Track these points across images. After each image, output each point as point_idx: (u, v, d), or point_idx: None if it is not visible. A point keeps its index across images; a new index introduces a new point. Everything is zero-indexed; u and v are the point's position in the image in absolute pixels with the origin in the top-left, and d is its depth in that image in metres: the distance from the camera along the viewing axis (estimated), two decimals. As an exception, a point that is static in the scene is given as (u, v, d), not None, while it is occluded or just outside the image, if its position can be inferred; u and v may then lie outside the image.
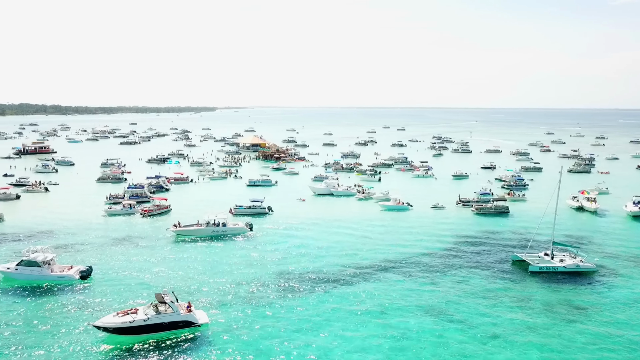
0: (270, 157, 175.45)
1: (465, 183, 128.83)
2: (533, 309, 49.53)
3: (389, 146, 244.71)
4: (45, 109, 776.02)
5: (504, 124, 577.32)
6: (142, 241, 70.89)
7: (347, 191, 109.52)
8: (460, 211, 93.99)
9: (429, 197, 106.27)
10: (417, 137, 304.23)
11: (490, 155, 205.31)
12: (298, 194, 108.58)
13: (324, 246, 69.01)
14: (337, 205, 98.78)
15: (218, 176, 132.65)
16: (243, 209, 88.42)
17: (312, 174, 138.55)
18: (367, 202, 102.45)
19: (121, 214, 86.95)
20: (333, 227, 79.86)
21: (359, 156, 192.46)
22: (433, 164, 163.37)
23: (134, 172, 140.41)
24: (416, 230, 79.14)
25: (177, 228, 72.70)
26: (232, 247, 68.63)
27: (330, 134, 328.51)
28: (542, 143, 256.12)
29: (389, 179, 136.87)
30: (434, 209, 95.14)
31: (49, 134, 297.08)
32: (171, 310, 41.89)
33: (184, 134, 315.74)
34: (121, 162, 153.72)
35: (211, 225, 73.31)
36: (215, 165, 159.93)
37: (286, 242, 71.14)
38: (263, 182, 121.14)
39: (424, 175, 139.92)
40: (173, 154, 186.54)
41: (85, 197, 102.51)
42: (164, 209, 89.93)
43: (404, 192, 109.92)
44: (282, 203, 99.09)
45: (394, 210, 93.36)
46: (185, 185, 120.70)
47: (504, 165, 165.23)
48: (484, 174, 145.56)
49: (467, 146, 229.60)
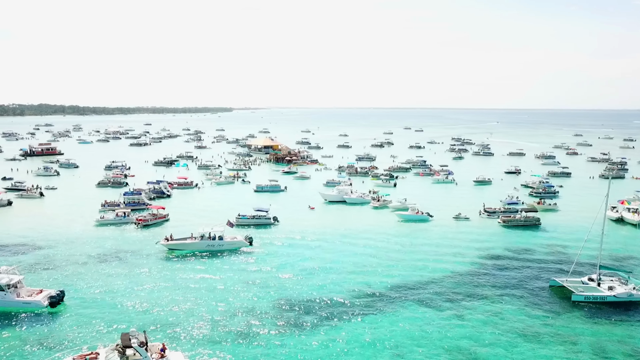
0: (282, 159, 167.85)
1: (489, 190, 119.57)
2: (581, 352, 40.86)
3: (406, 148, 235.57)
4: (64, 110, 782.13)
5: (525, 125, 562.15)
6: (131, 256, 63.63)
7: (360, 198, 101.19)
8: (486, 223, 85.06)
9: (450, 206, 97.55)
10: (435, 138, 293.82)
11: (513, 158, 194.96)
12: (308, 201, 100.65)
13: (333, 265, 60.96)
14: (350, 215, 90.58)
15: (225, 181, 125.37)
16: (246, 219, 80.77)
17: (324, 178, 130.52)
18: (383, 211, 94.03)
19: (113, 224, 79.95)
20: (344, 241, 71.73)
21: (374, 159, 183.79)
22: (453, 167, 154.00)
23: (138, 176, 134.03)
24: (437, 245, 70.59)
25: (169, 241, 65.30)
26: (228, 265, 60.94)
27: (346, 135, 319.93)
28: (567, 145, 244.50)
29: (406, 184, 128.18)
30: (456, 219, 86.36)
31: (61, 134, 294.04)
32: (139, 356, 34.22)
33: (196, 134, 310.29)
34: (126, 165, 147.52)
35: (206, 239, 65.74)
36: (224, 168, 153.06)
37: (290, 259, 63.23)
38: (271, 188, 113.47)
39: (444, 181, 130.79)
40: (182, 156, 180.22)
41: (80, 204, 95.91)
42: (160, 218, 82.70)
43: (422, 200, 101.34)
44: (289, 211, 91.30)
45: (413, 220, 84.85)
46: (189, 191, 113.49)
47: (529, 169, 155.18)
48: (509, 180, 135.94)
49: (488, 149, 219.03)
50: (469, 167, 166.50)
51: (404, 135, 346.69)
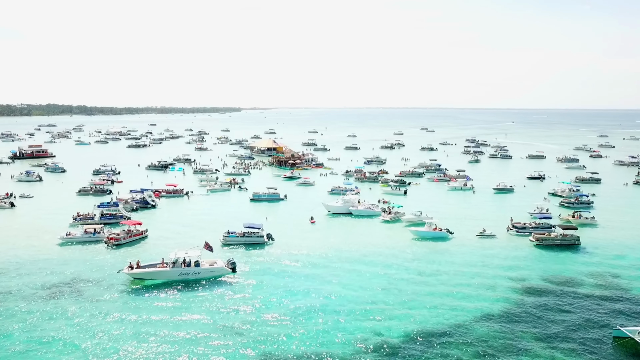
0: (285, 163, 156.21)
1: (512, 199, 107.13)
2: None
3: (418, 150, 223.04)
4: (71, 110, 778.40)
5: (540, 125, 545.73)
6: (88, 288, 52.36)
7: (369, 210, 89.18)
8: (515, 241, 72.78)
9: (470, 219, 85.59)
10: (448, 139, 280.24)
11: (533, 162, 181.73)
12: (309, 212, 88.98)
13: (335, 303, 49.23)
14: (356, 231, 78.69)
15: (220, 188, 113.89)
16: (235, 237, 69.24)
17: (329, 185, 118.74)
18: (395, 226, 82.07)
19: (81, 242, 68.79)
20: (349, 268, 59.95)
21: (384, 162, 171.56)
22: (469, 172, 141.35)
23: (128, 181, 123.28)
24: (461, 273, 58.57)
25: (133, 270, 53.91)
26: (202, 301, 49.44)
27: (354, 135, 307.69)
28: (589, 147, 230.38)
29: (419, 191, 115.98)
30: (480, 237, 74.19)
31: (60, 135, 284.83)
32: None
33: (199, 135, 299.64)
34: (115, 169, 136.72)
35: (179, 266, 54.34)
36: (222, 172, 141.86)
37: (282, 293, 51.59)
38: (269, 196, 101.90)
39: (461, 188, 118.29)
40: (179, 159, 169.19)
41: (51, 216, 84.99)
42: (137, 235, 71.30)
43: (438, 211, 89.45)
44: (287, 226, 79.72)
45: (430, 239, 72.84)
46: (178, 200, 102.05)
47: (553, 174, 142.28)
48: (532, 187, 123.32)
49: (506, 151, 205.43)
50: (486, 171, 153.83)
51: (415, 136, 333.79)
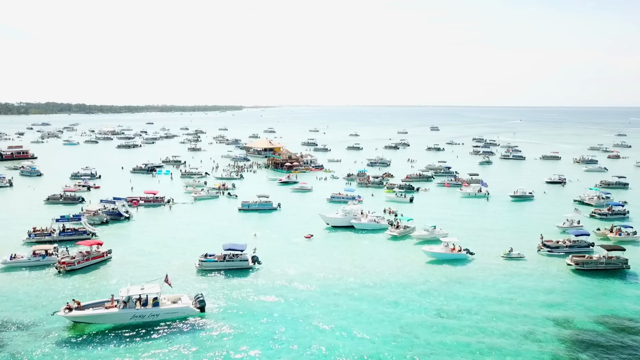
0: (281, 165, 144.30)
1: (532, 208, 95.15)
2: None
3: (424, 150, 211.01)
4: (70, 108, 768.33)
5: (548, 123, 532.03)
6: (14, 338, 40.75)
7: (373, 224, 77.16)
8: (548, 265, 60.84)
9: (488, 232, 74.14)
10: (454, 138, 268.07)
11: (548, 163, 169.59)
12: (305, 225, 77.37)
13: (330, 354, 37.53)
14: (359, 250, 66.82)
15: (207, 195, 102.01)
16: (213, 261, 57.56)
17: (328, 190, 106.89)
18: (404, 243, 70.19)
19: (26, 267, 57.19)
20: (350, 306, 48.14)
21: (388, 163, 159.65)
22: (481, 175, 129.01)
23: (107, 187, 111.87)
24: (489, 310, 46.73)
25: (72, 312, 42.15)
26: (158, 355, 37.73)
27: (357, 134, 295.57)
28: (605, 147, 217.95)
29: (428, 199, 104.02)
30: (507, 259, 62.32)
31: (50, 134, 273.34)
32: None
33: (196, 135, 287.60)
34: (95, 173, 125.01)
35: (132, 306, 42.65)
36: (212, 175, 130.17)
37: (259, 342, 39.88)
38: (260, 206, 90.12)
39: (475, 195, 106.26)
40: (168, 160, 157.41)
41: (4, 232, 73.36)
42: (97, 258, 59.55)
43: (450, 221, 77.74)
44: (278, 243, 68.03)
45: (446, 261, 61.06)
46: (157, 211, 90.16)
47: (574, 178, 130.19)
48: (553, 193, 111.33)
49: (519, 151, 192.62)
50: (499, 174, 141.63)
51: (420, 134, 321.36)
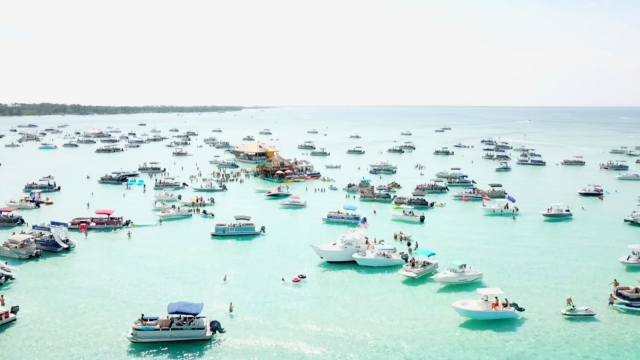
0: (272, 173, 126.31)
1: (574, 231, 77.29)
2: None
3: (432, 154, 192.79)
4: (65, 109, 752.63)
5: (557, 123, 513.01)
6: None
7: (382, 259, 59.09)
8: (630, 327, 42.99)
9: (531, 270, 56.28)
10: (461, 140, 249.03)
11: (572, 169, 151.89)
12: (294, 261, 59.62)
13: None
14: (364, 302, 48.81)
15: (176, 214, 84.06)
16: (152, 330, 39.78)
17: (325, 207, 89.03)
18: (424, 287, 52.32)
19: None
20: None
21: (394, 170, 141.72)
22: (499, 182, 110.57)
23: (64, 201, 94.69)
24: None
25: None
26: None
27: (358, 136, 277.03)
28: (629, 150, 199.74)
29: (442, 216, 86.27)
30: (571, 319, 44.40)
31: (29, 137, 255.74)
32: None
33: (186, 137, 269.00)
34: (54, 184, 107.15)
35: None
36: (190, 186, 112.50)
37: None
38: (239, 230, 72.23)
39: (501, 212, 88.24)
40: (145, 167, 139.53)
41: None
42: (-10, 320, 41.97)
43: (476, 252, 59.88)
44: (255, 291, 50.31)
45: (488, 322, 43.19)
46: (110, 236, 72.13)
47: (610, 189, 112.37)
48: (593, 209, 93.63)
49: (538, 156, 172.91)
50: (520, 183, 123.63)
51: (425, 136, 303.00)
